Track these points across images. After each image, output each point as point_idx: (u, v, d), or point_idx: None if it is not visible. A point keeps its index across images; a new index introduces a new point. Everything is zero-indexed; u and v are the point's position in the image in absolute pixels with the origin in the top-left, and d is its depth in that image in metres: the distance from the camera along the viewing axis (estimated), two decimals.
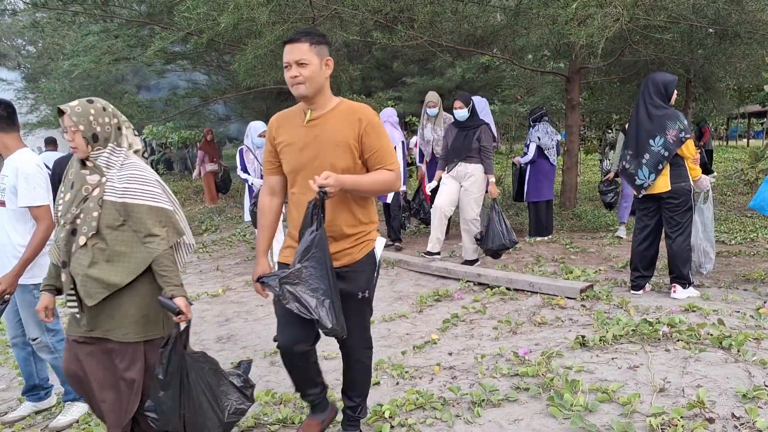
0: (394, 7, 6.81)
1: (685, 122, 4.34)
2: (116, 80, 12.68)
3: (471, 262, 5.98)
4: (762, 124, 28.21)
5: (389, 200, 6.84)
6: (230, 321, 4.89)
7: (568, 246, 6.97)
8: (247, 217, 6.50)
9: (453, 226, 7.69)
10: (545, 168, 7.28)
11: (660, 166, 4.34)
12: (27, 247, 3.00)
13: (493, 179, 5.75)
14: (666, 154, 4.31)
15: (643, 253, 4.70)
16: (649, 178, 4.39)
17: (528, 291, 5.00)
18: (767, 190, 4.25)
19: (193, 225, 10.08)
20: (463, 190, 5.85)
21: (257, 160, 6.27)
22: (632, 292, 4.77)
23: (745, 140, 28.09)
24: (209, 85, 11.29)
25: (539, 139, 7.17)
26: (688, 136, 4.29)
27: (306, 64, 2.27)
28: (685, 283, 4.53)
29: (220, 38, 7.48)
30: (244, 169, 6.38)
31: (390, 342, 4.12)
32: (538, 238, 7.38)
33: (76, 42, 10.05)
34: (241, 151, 6.43)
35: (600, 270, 5.69)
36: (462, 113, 5.87)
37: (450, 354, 3.73)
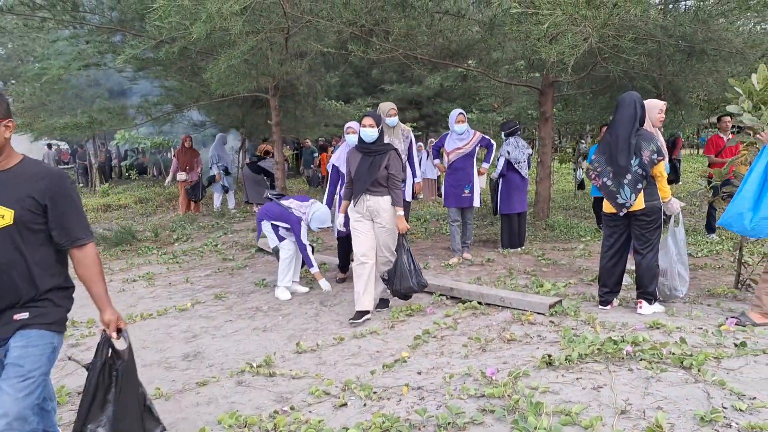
0: (369, 19, 6.83)
1: (659, 144, 4.48)
2: (88, 84, 12.50)
3: (361, 315, 4.96)
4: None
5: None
6: (198, 337, 4.84)
7: (540, 258, 7.04)
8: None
9: None
10: (516, 181, 7.35)
11: (639, 186, 4.43)
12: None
13: (401, 212, 4.95)
14: (643, 173, 4.41)
15: (611, 270, 4.77)
16: (630, 198, 4.45)
17: (499, 306, 5.04)
18: (735, 207, 4.30)
19: (164, 234, 9.96)
20: (377, 226, 4.98)
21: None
22: (600, 307, 4.83)
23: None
24: (182, 91, 11.17)
25: (509, 153, 7.26)
26: (660, 158, 4.40)
27: None
28: (652, 299, 4.63)
29: (193, 47, 7.42)
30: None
31: (360, 360, 4.11)
32: (511, 250, 7.45)
33: (46, 45, 9.90)
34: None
35: (570, 283, 5.75)
36: (370, 134, 4.91)
37: (419, 373, 3.74)
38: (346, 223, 5.33)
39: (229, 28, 6.13)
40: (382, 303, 5.32)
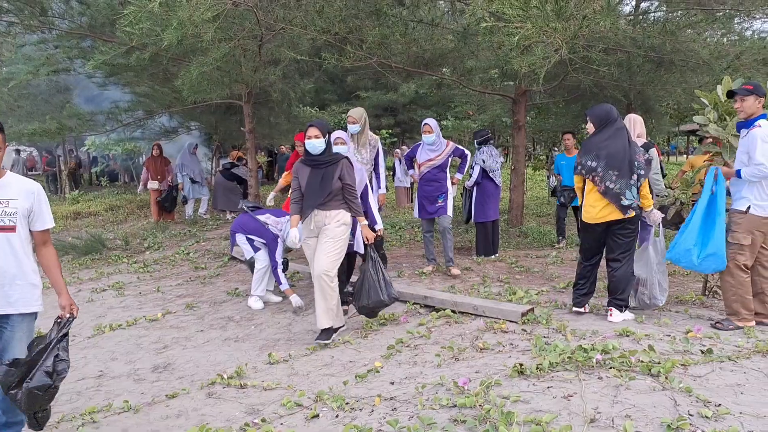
0: (343, 27, 6.83)
1: (647, 156, 5.01)
2: (57, 90, 12.27)
3: (326, 333, 4.59)
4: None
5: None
6: (168, 348, 4.76)
7: (513, 265, 7.09)
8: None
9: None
10: (490, 189, 7.41)
11: (639, 186, 4.63)
12: (55, 271, 3.12)
13: (364, 221, 4.71)
14: (644, 173, 4.63)
15: (588, 275, 4.87)
16: (636, 198, 4.59)
17: (472, 314, 5.06)
18: (682, 243, 4.42)
19: (135, 242, 9.81)
20: (321, 237, 4.61)
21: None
22: (574, 309, 4.90)
23: (684, 156, 29.59)
24: (154, 97, 11.03)
25: (483, 161, 7.32)
26: (651, 158, 5.12)
27: None
28: (623, 306, 4.69)
29: (165, 53, 7.34)
30: None
31: (333, 370, 4.09)
32: (485, 257, 7.49)
33: (13, 50, 9.71)
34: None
35: (542, 291, 5.80)
36: (317, 145, 4.54)
37: (392, 383, 3.73)
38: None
39: (201, 35, 6.07)
40: (326, 333, 4.64)
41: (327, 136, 4.62)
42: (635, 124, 5.64)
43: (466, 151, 6.81)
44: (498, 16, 5.65)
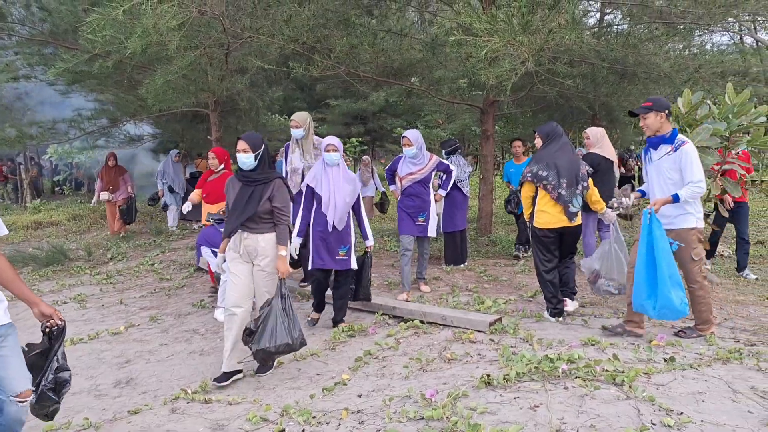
0: (311, 37, 6.81)
1: (587, 166, 5.30)
2: (18, 97, 11.96)
3: (227, 375, 4.12)
4: None
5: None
6: (131, 362, 4.65)
7: (482, 274, 7.12)
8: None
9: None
10: (458, 199, 7.44)
11: (583, 196, 5.08)
12: (19, 281, 2.84)
13: (284, 252, 4.14)
14: (585, 185, 5.09)
15: (555, 279, 5.12)
16: (579, 206, 5.01)
17: (441, 324, 5.06)
18: (637, 297, 4.25)
19: (98, 252, 9.58)
20: (256, 269, 4.17)
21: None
22: (558, 319, 5.07)
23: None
24: (118, 105, 10.81)
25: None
26: (590, 171, 5.29)
27: None
28: (574, 295, 5.34)
29: (129, 61, 7.21)
30: None
31: (299, 383, 4.04)
32: (454, 267, 7.52)
33: None
34: None
35: (510, 300, 5.84)
36: (245, 160, 4.12)
37: (359, 396, 3.70)
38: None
39: (166, 43, 5.98)
40: (228, 375, 4.15)
41: (261, 150, 4.14)
42: (605, 137, 6.50)
43: (451, 166, 6.54)
44: (466, 29, 5.70)
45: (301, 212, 5.08)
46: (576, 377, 3.55)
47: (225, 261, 4.30)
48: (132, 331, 5.48)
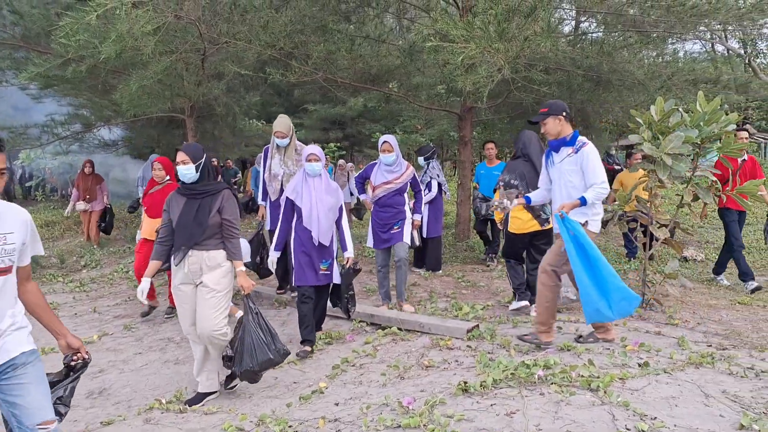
0: (288, 42, 6.79)
1: None
2: None
3: (201, 397, 4.00)
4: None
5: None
6: (104, 372, 4.57)
7: (460, 280, 7.15)
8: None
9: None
10: (440, 204, 7.47)
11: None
12: (49, 310, 2.64)
13: (241, 267, 3.90)
14: None
15: (524, 279, 5.48)
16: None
17: (419, 331, 5.06)
18: (588, 305, 4.10)
19: (71, 260, 9.41)
20: (200, 287, 3.84)
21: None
22: (521, 303, 5.49)
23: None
24: (92, 110, 10.65)
25: (438, 176, 7.38)
26: None
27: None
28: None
29: (103, 65, 7.12)
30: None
31: (276, 392, 4.01)
32: (432, 273, 7.53)
33: None
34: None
35: (488, 305, 5.87)
36: (186, 172, 3.80)
37: (336, 404, 3.68)
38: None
39: (141, 48, 5.92)
40: (202, 396, 4.03)
41: (202, 161, 3.84)
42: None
43: (420, 185, 6.10)
44: (443, 36, 5.74)
45: (279, 225, 4.82)
46: (552, 383, 3.57)
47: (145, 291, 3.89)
48: (105, 340, 5.39)
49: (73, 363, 2.62)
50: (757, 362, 4.01)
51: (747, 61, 19.33)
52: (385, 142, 5.73)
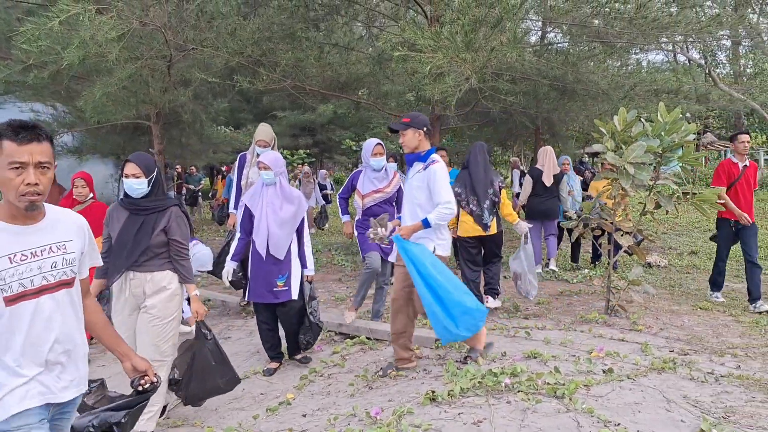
0: (256, 50, 6.75)
1: (501, 179, 5.85)
2: None
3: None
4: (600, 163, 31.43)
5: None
6: None
7: None
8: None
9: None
10: None
11: (495, 209, 5.68)
12: (112, 328, 2.34)
13: (195, 291, 3.59)
14: (497, 200, 5.67)
15: (477, 280, 5.83)
16: (489, 218, 5.62)
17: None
18: (436, 325, 3.92)
19: None
20: (142, 312, 3.48)
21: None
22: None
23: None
24: (55, 117, 10.41)
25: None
26: (502, 185, 5.79)
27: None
28: (497, 294, 5.94)
29: (67, 72, 6.97)
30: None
31: (243, 404, 3.96)
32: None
33: None
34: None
35: None
36: (136, 186, 3.42)
37: (304, 416, 3.65)
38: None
39: (106, 54, 5.82)
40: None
41: (155, 174, 3.50)
42: (552, 157, 7.34)
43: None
44: (411, 45, 5.78)
45: (238, 234, 4.55)
46: (519, 391, 3.60)
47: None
48: None
49: (140, 387, 2.34)
50: (716, 367, 4.12)
51: (707, 71, 19.89)
52: (378, 143, 5.28)
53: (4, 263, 1.89)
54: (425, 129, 4.05)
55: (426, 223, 3.88)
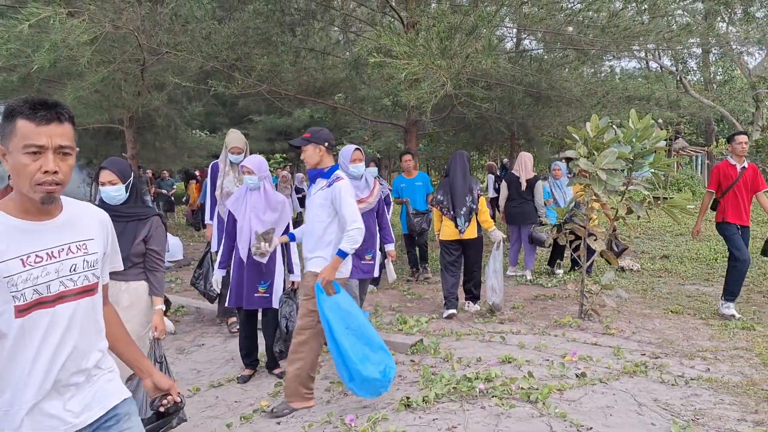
0: (231, 54, 6.71)
1: (480, 187, 6.04)
2: None
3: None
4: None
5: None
6: None
7: (405, 293, 7.18)
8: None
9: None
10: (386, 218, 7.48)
11: (471, 215, 5.87)
12: (132, 342, 2.05)
13: (160, 306, 3.38)
14: (474, 207, 5.86)
15: (455, 284, 6.01)
16: (465, 225, 5.83)
17: None
18: (343, 378, 3.64)
19: None
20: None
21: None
22: (449, 311, 5.92)
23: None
24: None
25: (390, 190, 7.41)
26: (481, 193, 5.96)
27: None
28: (476, 300, 6.21)
29: (37, 75, 6.85)
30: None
31: (217, 412, 3.92)
32: (377, 288, 7.52)
33: None
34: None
35: (433, 318, 5.92)
36: (113, 193, 3.29)
37: (278, 423, 3.63)
38: None
39: (77, 57, 5.73)
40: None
41: (131, 179, 3.36)
42: (526, 162, 7.53)
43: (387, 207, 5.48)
44: (387, 51, 5.80)
45: (224, 240, 4.43)
46: (493, 396, 3.62)
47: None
48: None
49: (162, 408, 2.08)
50: (686, 370, 4.20)
51: (678, 78, 20.29)
52: (357, 149, 4.90)
53: (15, 266, 1.58)
54: (326, 144, 3.87)
55: (342, 254, 3.65)
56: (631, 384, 3.90)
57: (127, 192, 3.33)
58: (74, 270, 1.69)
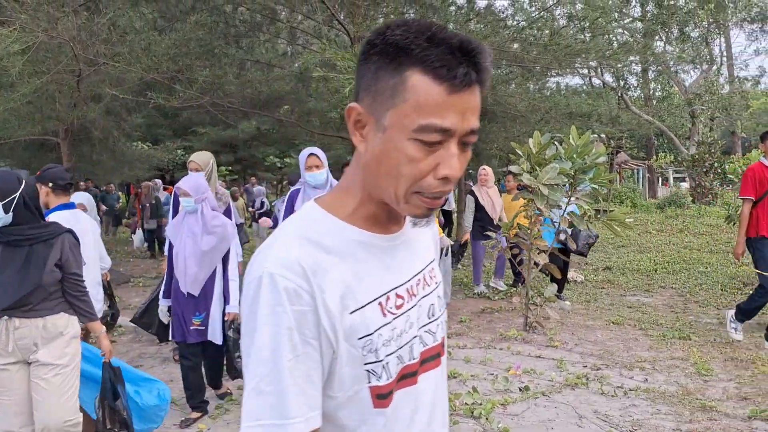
0: (172, 66, 6.55)
1: None
2: None
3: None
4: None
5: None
6: None
7: None
8: None
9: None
10: None
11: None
12: None
13: (101, 330, 3.02)
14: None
15: None
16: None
17: None
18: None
19: None
20: (35, 367, 2.75)
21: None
22: None
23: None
24: None
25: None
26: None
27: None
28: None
29: None
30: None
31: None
32: None
33: None
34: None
35: None
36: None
37: None
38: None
39: (8, 68, 5.48)
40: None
41: (17, 195, 2.71)
42: (488, 174, 7.70)
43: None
44: (333, 65, 5.77)
45: (165, 275, 4.07)
46: None
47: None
48: None
49: None
50: (626, 380, 4.28)
51: (620, 95, 21.04)
52: (311, 155, 4.20)
53: (375, 317, 0.92)
54: (51, 185, 3.65)
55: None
56: (572, 396, 3.94)
57: (8, 212, 2.67)
58: (432, 315, 1.05)
